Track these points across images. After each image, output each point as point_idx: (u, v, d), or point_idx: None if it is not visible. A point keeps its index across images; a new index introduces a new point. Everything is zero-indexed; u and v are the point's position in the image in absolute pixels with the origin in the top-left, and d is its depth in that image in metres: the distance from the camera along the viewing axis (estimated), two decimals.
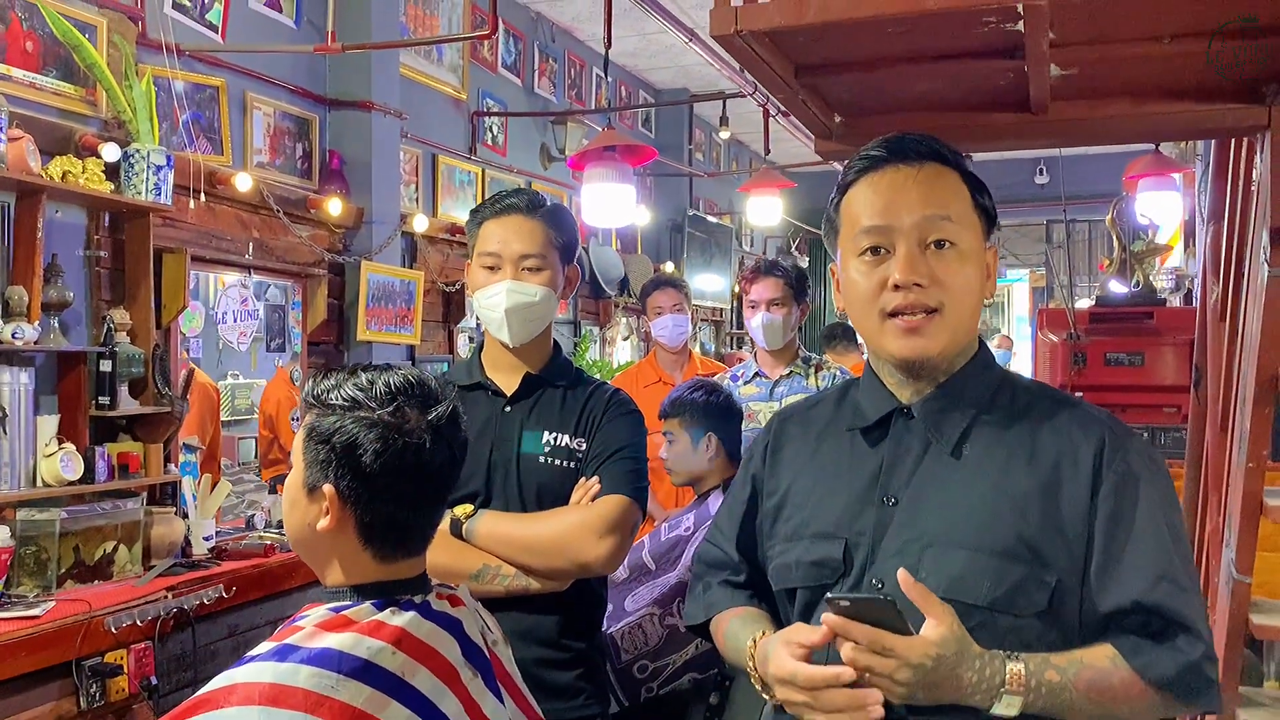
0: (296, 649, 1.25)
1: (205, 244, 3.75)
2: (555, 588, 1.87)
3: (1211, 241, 2.67)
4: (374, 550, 1.35)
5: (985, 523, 1.28)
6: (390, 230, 4.60)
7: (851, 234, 1.35)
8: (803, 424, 1.51)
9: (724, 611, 1.50)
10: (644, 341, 7.44)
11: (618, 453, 1.91)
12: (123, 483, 3.24)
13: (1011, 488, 1.29)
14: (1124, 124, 2.02)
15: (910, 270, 1.29)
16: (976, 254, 1.34)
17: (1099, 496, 1.27)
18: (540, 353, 2.01)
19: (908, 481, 1.34)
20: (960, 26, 1.54)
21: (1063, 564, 1.26)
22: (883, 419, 1.39)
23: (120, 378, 3.23)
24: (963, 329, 1.34)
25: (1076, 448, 1.30)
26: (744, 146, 9.52)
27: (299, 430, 1.40)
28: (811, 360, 3.38)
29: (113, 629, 2.82)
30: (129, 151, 3.28)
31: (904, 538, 1.31)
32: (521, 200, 1.97)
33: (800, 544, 1.40)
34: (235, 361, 6.40)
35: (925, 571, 1.26)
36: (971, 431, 1.34)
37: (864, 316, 1.35)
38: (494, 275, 1.94)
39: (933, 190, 1.32)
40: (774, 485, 1.48)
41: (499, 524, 1.85)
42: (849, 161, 1.38)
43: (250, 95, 4.07)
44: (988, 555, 1.26)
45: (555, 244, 1.97)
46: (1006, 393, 1.38)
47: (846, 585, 1.34)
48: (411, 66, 5.00)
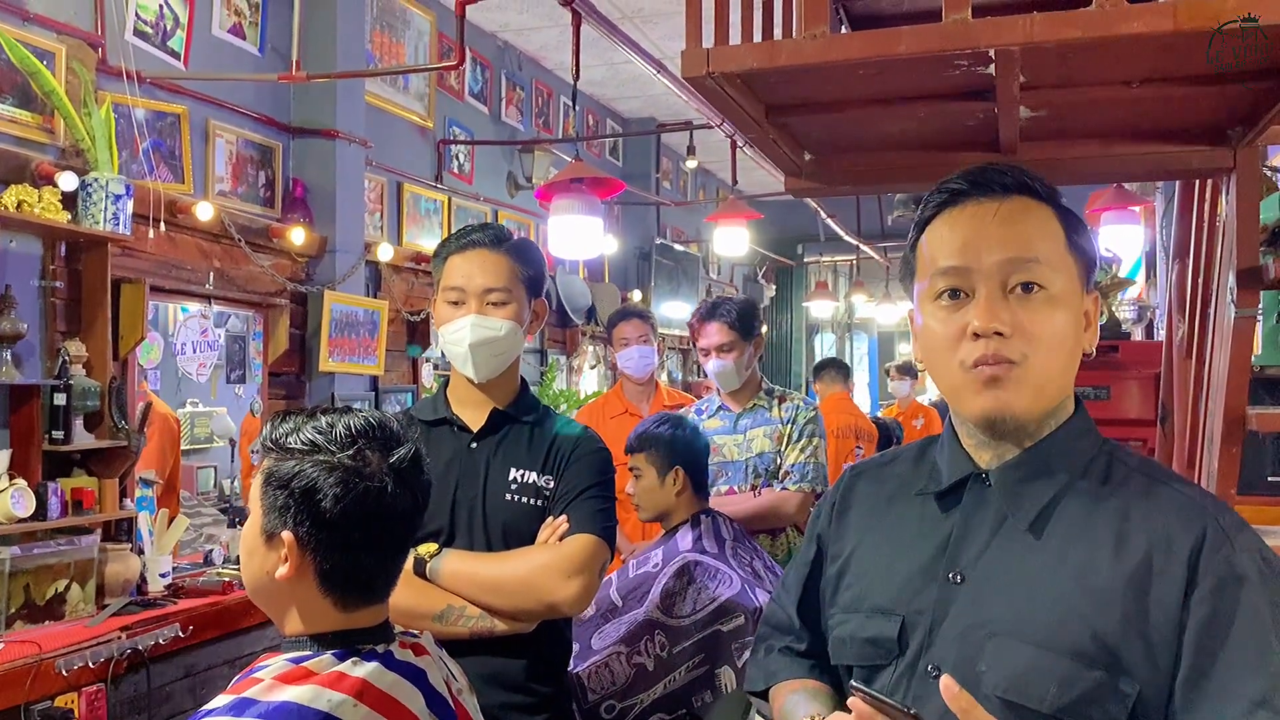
0: (254, 703, 1.21)
1: (165, 274, 3.68)
2: (521, 629, 1.83)
3: (1176, 280, 2.68)
4: (334, 598, 1.31)
5: (1059, 616, 1.12)
6: (354, 259, 4.55)
7: (928, 275, 1.21)
8: (875, 482, 1.37)
9: (783, 682, 1.39)
10: (611, 370, 7.42)
11: (585, 491, 1.89)
12: (76, 519, 3.15)
13: (1093, 579, 1.13)
14: (1092, 165, 2.03)
15: (990, 316, 1.14)
16: (1070, 300, 1.18)
17: (1193, 599, 1.09)
18: (507, 388, 1.98)
19: (978, 558, 1.20)
20: (931, 70, 1.54)
21: (1145, 674, 1.09)
22: (958, 484, 1.24)
23: (75, 411, 3.16)
24: (1052, 386, 1.18)
25: (1172, 538, 1.12)
26: (711, 175, 9.56)
27: (256, 476, 1.36)
28: (774, 392, 3.36)
29: (64, 671, 2.74)
30: (87, 180, 3.22)
31: (967, 622, 1.17)
32: (486, 235, 1.95)
33: (856, 618, 1.28)
34: (194, 390, 6.30)
35: (985, 665, 1.14)
36: (1055, 508, 1.18)
37: (942, 368, 1.21)
38: (458, 310, 1.91)
39: (1018, 227, 1.17)
40: (838, 549, 1.35)
41: (464, 563, 1.81)
42: (927, 196, 1.24)
43: (212, 123, 4.01)
44: (1057, 655, 1.11)
45: (520, 278, 1.94)
46: (1101, 465, 1.21)
47: (901, 667, 1.21)
48: (377, 94, 4.97)
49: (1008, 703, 1.11)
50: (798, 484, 3.15)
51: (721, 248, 5.85)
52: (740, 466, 3.25)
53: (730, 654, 2.45)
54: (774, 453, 3.22)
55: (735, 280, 9.90)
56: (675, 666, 2.43)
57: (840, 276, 10.91)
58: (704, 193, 9.38)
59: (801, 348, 10.82)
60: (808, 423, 3.25)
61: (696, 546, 2.67)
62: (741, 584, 2.55)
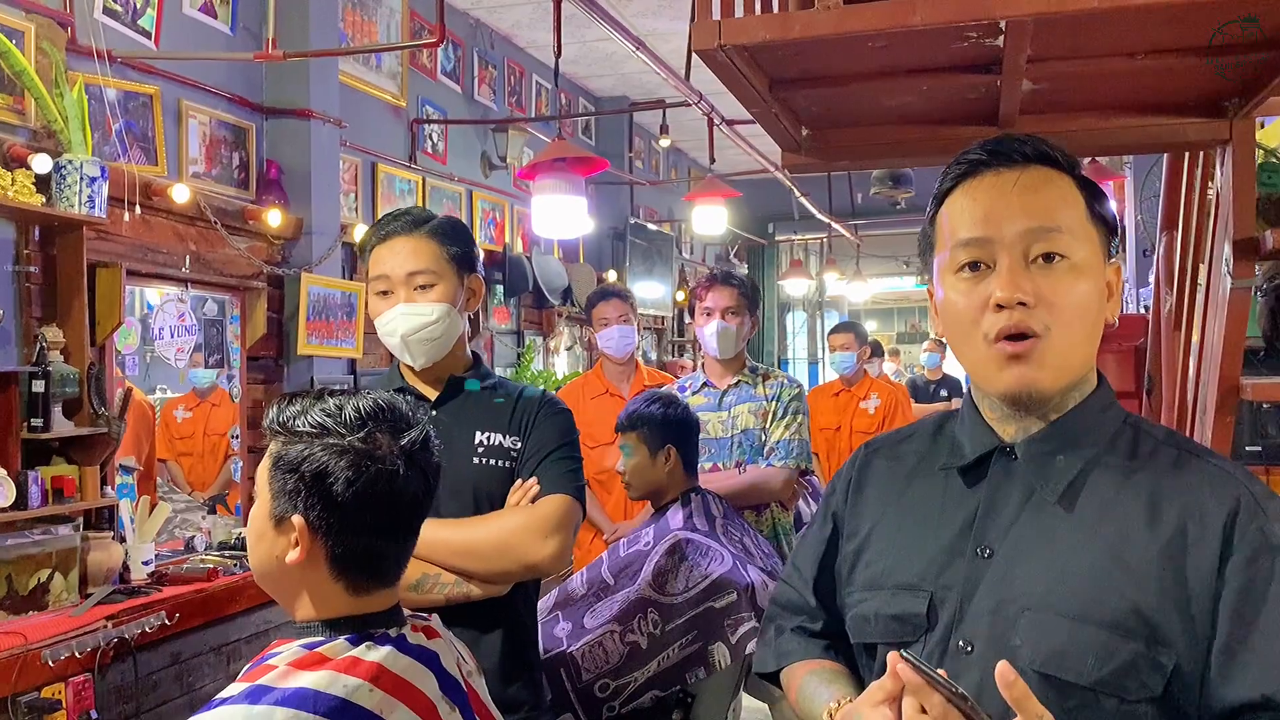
0: (270, 689, 1.21)
1: (140, 258, 3.62)
2: (496, 592, 1.82)
3: (1164, 252, 2.70)
4: (346, 582, 1.30)
5: (1095, 589, 1.11)
6: (330, 241, 4.49)
7: (948, 248, 1.20)
8: (892, 458, 1.35)
9: (797, 663, 1.37)
10: (587, 351, 7.40)
11: (554, 452, 1.88)
12: (57, 508, 3.10)
13: (1128, 551, 1.12)
14: (1089, 138, 2.03)
15: (1013, 286, 1.13)
16: (1093, 270, 1.17)
17: (1228, 569, 1.09)
18: (457, 362, 1.96)
19: (1006, 532, 1.18)
20: (941, 41, 1.53)
21: (1182, 644, 1.09)
22: (982, 458, 1.23)
23: (54, 398, 3.10)
24: (1075, 357, 1.17)
25: (1206, 509, 1.12)
26: (683, 154, 9.54)
27: (264, 459, 1.34)
28: (759, 370, 3.38)
29: (50, 662, 2.70)
30: (60, 162, 3.15)
31: (998, 597, 1.16)
32: (404, 221, 1.91)
33: (880, 595, 1.25)
34: (164, 376, 6.21)
35: (1020, 639, 1.13)
36: (1085, 481, 1.17)
37: (964, 342, 1.20)
38: (388, 299, 1.88)
39: (1039, 196, 1.16)
40: (855, 526, 1.34)
41: (438, 530, 1.78)
42: (946, 168, 1.23)
43: (185, 103, 3.94)
44: (1095, 627, 1.10)
45: (446, 257, 1.90)
46: (1127, 438, 1.20)
47: (930, 643, 1.20)
48: (350, 73, 4.90)
49: (1045, 676, 1.10)
50: (783, 460, 3.17)
51: (700, 226, 5.83)
52: (725, 443, 3.26)
53: (723, 630, 2.46)
54: (759, 429, 3.23)
55: (708, 260, 9.91)
56: (668, 644, 2.44)
57: (811, 255, 10.94)
58: (676, 172, 9.36)
59: (774, 326, 10.86)
60: (792, 400, 3.27)
61: (688, 524, 2.68)
62: (733, 561, 2.56)
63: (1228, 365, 2.02)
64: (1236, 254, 1.93)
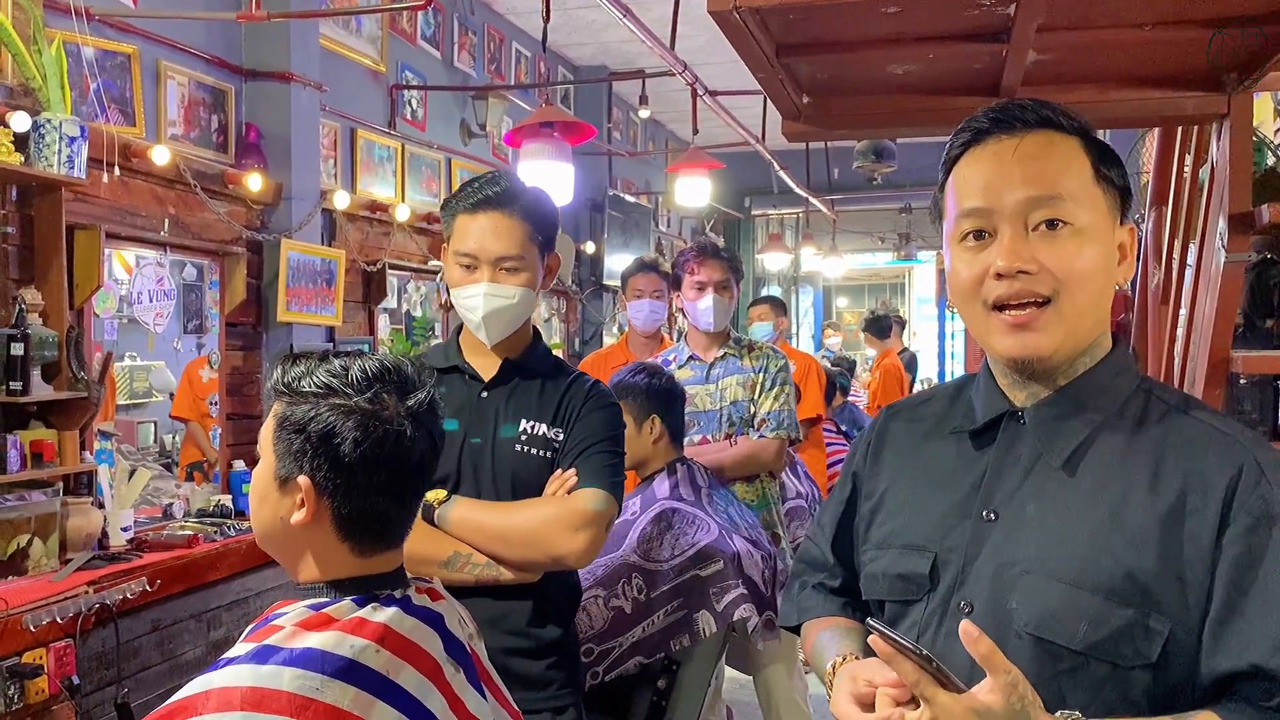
0: (277, 650, 1.21)
1: (119, 220, 3.56)
2: (526, 579, 1.82)
3: (1154, 227, 2.73)
4: (352, 544, 1.30)
5: (1092, 554, 1.12)
6: (310, 207, 4.44)
7: (953, 217, 1.20)
8: (910, 421, 1.37)
9: (815, 619, 1.41)
10: (564, 324, 7.38)
11: (595, 445, 1.87)
12: (36, 472, 3.06)
13: (1128, 517, 1.12)
14: (1087, 110, 1.99)
15: (1013, 256, 1.14)
16: (1100, 234, 1.16)
17: (1226, 537, 1.08)
18: (519, 342, 1.95)
19: (1011, 496, 1.19)
20: (953, 8, 1.53)
21: (1177, 612, 1.09)
22: (992, 422, 1.24)
23: (33, 361, 3.04)
24: (1085, 322, 1.17)
25: (1208, 476, 1.11)
26: (661, 126, 9.49)
27: (267, 419, 1.33)
28: (743, 341, 3.39)
29: (31, 627, 2.67)
30: (39, 121, 3.08)
31: (999, 559, 1.17)
32: (495, 193, 1.86)
33: (889, 554, 1.28)
34: (132, 343, 6.13)
35: (1016, 602, 1.14)
36: (1090, 446, 1.17)
37: (968, 310, 1.20)
38: (471, 275, 1.87)
39: (1040, 163, 1.15)
40: (873, 486, 1.35)
41: (473, 511, 1.80)
42: (953, 135, 1.22)
43: (164, 64, 3.87)
44: (1089, 593, 1.11)
45: (535, 240, 1.89)
46: (1139, 404, 1.20)
47: (933, 602, 1.22)
48: (329, 37, 4.82)
49: (1039, 639, 1.12)
50: (774, 431, 3.19)
51: (683, 198, 5.81)
52: (714, 416, 3.27)
53: (709, 598, 2.47)
54: (747, 401, 3.25)
55: (684, 233, 9.89)
56: (653, 610, 2.45)
57: (787, 230, 10.95)
58: (653, 144, 9.31)
59: (749, 300, 10.86)
60: (779, 371, 3.29)
61: (674, 494, 2.68)
62: (719, 530, 2.57)
63: (1219, 339, 2.05)
64: (1231, 228, 1.95)
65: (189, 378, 4.93)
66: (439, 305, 5.87)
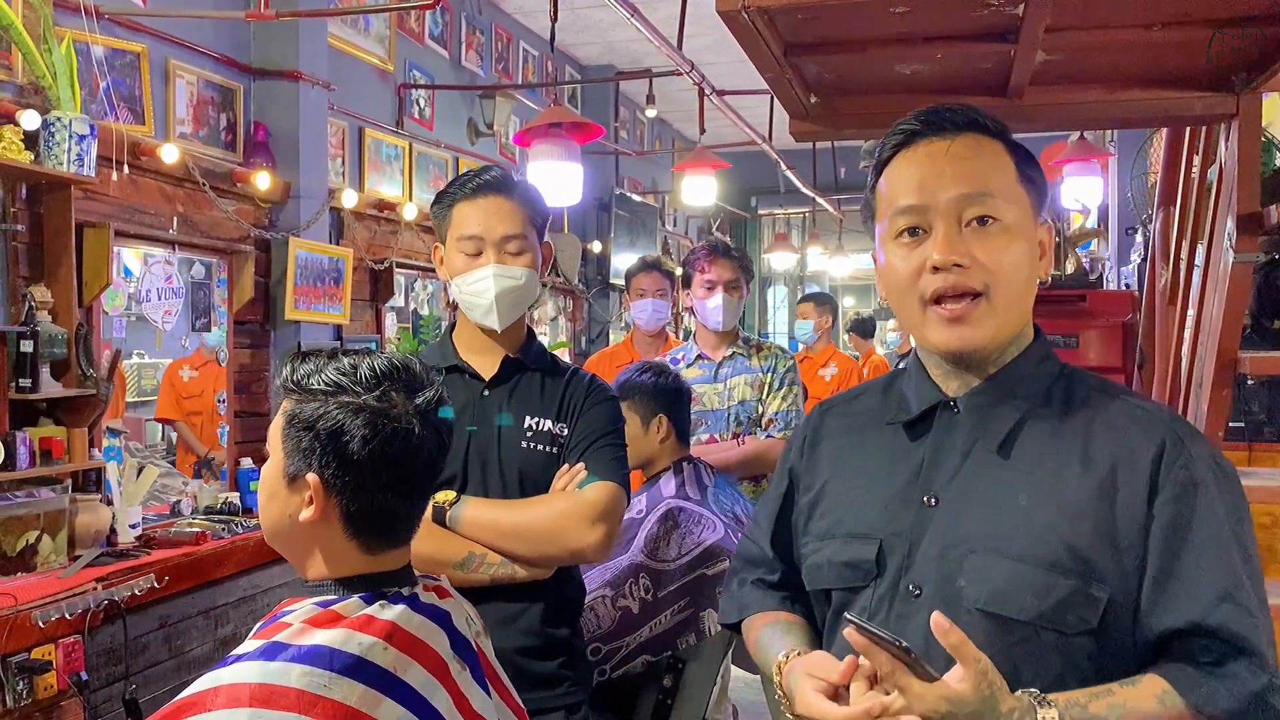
0: (286, 646, 1.21)
1: (128, 218, 3.57)
2: (540, 575, 1.83)
3: (1160, 228, 2.72)
4: (359, 541, 1.30)
5: (1032, 531, 1.18)
6: (318, 205, 4.45)
7: (887, 215, 1.26)
8: (844, 416, 1.42)
9: (756, 615, 1.44)
10: (570, 322, 7.39)
11: (601, 439, 1.88)
12: (45, 469, 3.07)
13: (1063, 493, 1.19)
14: (1096, 110, 2.04)
15: (949, 249, 1.19)
16: (1025, 230, 1.23)
17: (1156, 505, 1.17)
18: (517, 335, 1.96)
19: (950, 481, 1.25)
20: (962, 8, 1.53)
21: (1116, 579, 1.16)
22: (926, 412, 1.29)
23: (42, 358, 3.06)
24: (1013, 314, 1.24)
25: (1134, 450, 1.19)
26: (667, 125, 9.49)
27: (276, 417, 1.33)
28: (751, 341, 3.40)
29: (40, 623, 2.68)
30: (49, 120, 3.10)
31: (944, 542, 1.23)
32: (495, 177, 1.90)
33: (833, 543, 1.33)
34: (140, 340, 6.14)
35: (965, 580, 1.19)
36: (1021, 430, 1.24)
37: (904, 304, 1.26)
38: (476, 260, 1.87)
39: (971, 163, 1.22)
40: (810, 480, 1.40)
41: (485, 510, 1.81)
42: (885, 137, 1.28)
43: (173, 63, 3.88)
44: (1033, 566, 1.17)
45: (534, 223, 1.91)
46: (1062, 387, 1.27)
47: (881, 587, 1.27)
48: (337, 35, 4.84)
49: (988, 614, 1.17)
50: (782, 431, 3.20)
51: (689, 197, 5.81)
52: (721, 415, 3.27)
53: (715, 597, 2.47)
54: (755, 401, 3.25)
55: (690, 233, 9.89)
56: (660, 610, 2.45)
57: (793, 229, 10.94)
58: (660, 143, 9.31)
59: (755, 300, 10.87)
60: (788, 371, 3.30)
61: (680, 493, 2.69)
62: (725, 529, 2.57)
63: (1227, 339, 2.04)
64: (1240, 228, 1.95)
65: (169, 380, 4.95)
66: (446, 304, 5.88)
